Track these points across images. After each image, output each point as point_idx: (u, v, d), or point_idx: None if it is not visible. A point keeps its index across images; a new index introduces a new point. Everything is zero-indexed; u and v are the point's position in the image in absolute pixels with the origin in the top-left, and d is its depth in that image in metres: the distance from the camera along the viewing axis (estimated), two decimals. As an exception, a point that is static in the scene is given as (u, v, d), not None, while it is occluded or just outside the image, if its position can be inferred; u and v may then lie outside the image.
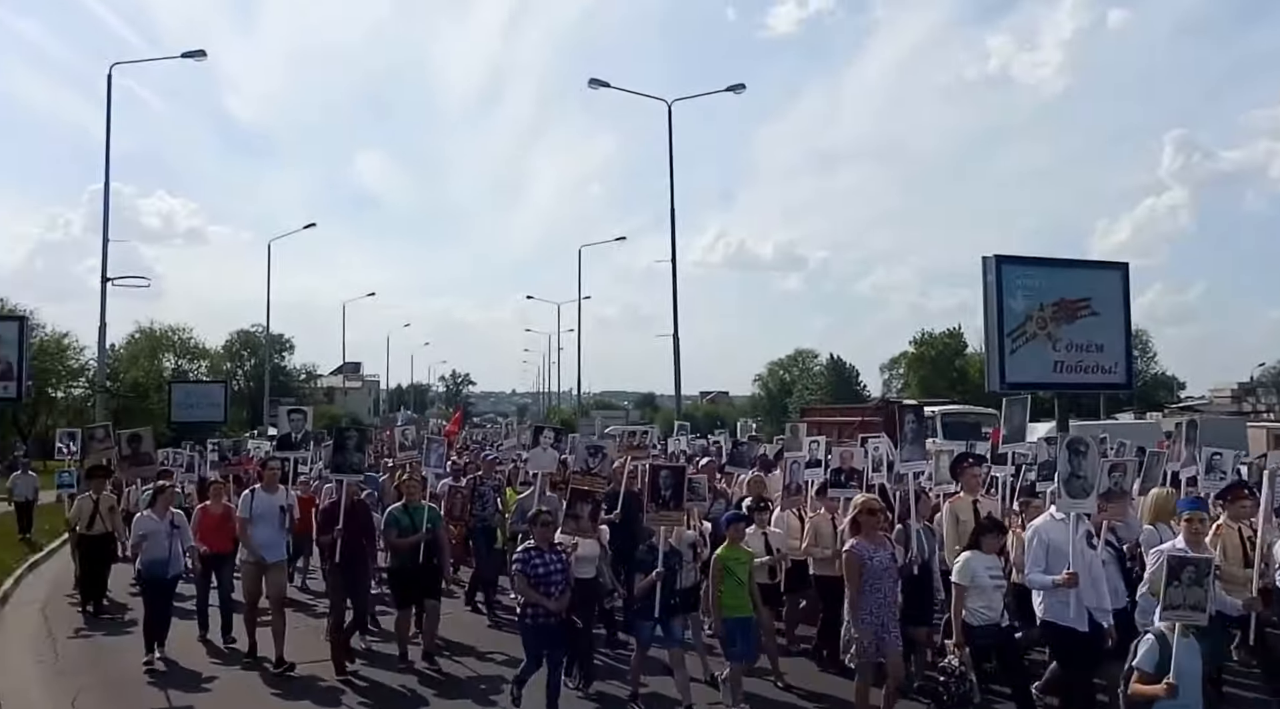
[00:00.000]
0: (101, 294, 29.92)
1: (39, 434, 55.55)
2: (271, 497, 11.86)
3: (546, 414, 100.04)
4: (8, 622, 14.13)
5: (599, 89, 35.35)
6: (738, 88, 34.84)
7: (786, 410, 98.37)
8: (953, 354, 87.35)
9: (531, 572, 8.86)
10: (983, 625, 8.44)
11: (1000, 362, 24.39)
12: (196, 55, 32.65)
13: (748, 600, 9.25)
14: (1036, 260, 26.26)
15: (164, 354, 73.08)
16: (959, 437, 28.55)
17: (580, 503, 10.36)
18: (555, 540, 9.45)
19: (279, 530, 11.84)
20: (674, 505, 9.76)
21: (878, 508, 8.95)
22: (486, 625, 13.61)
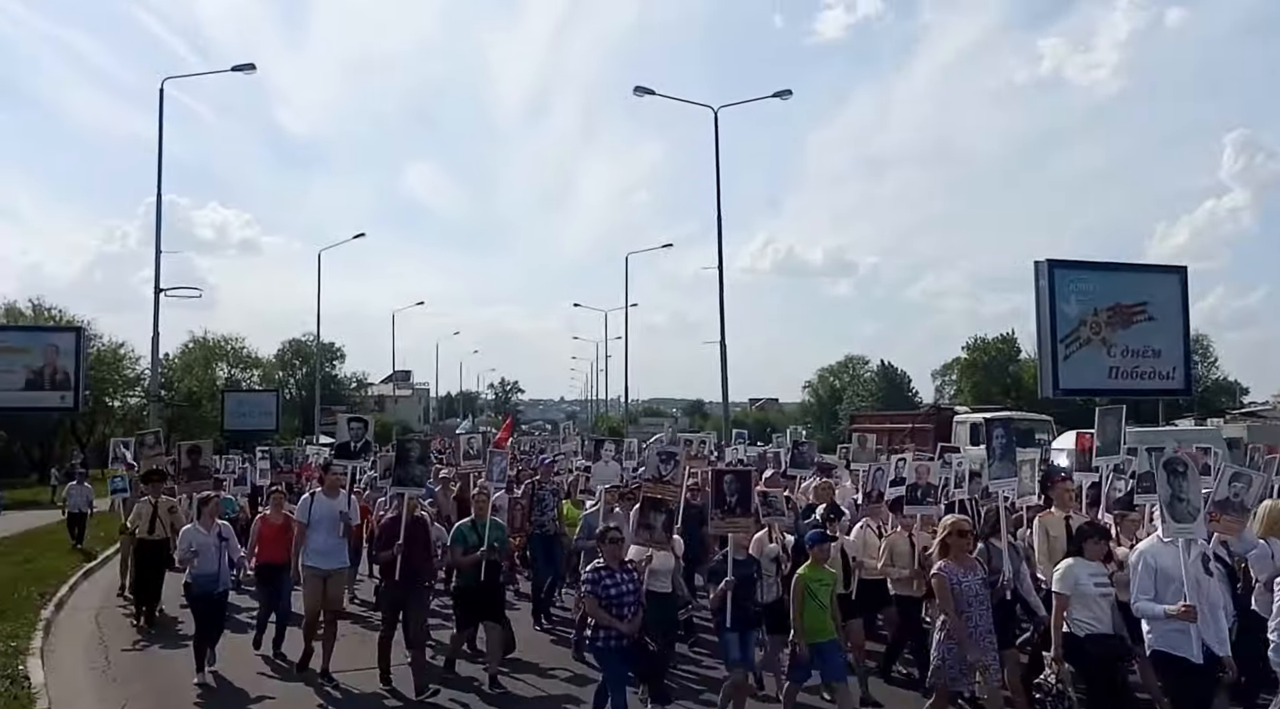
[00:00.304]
0: (154, 305, 30.34)
1: (97, 443, 56.51)
2: (331, 501, 11.40)
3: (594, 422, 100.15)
4: (62, 628, 14.17)
5: (645, 97, 35.33)
6: (784, 94, 34.66)
7: (837, 417, 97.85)
8: (1006, 360, 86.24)
9: (603, 593, 8.40)
10: (1090, 636, 7.82)
11: (1054, 367, 24.17)
12: (246, 69, 33.09)
13: (830, 623, 8.78)
14: (1090, 264, 25.96)
15: (217, 363, 73.93)
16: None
17: (653, 512, 9.78)
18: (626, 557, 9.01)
19: (338, 537, 11.41)
20: (741, 512, 9.30)
21: (968, 530, 8.42)
22: (550, 641, 12.88)
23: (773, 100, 35.65)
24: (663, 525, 9.69)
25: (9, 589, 16.19)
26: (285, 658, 11.78)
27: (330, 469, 12.17)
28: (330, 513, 11.30)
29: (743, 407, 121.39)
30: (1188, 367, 25.96)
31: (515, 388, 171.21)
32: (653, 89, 34.70)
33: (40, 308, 55.27)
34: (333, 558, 11.30)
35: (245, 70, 33.15)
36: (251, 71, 33.38)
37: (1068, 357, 24.29)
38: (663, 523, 9.70)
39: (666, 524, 9.77)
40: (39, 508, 33.31)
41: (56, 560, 19.50)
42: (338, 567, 11.44)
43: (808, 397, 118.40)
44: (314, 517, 11.27)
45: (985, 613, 8.04)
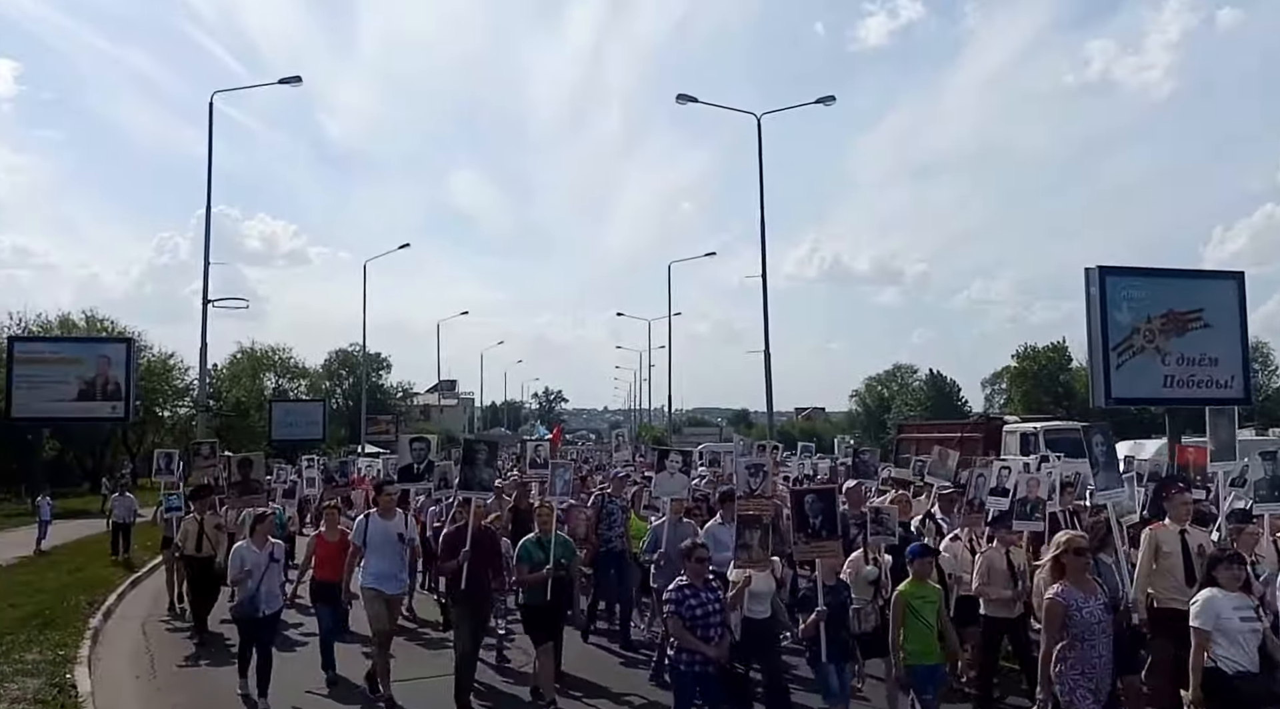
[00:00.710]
0: (203, 316, 30.68)
1: (146, 453, 57.15)
2: (388, 523, 10.83)
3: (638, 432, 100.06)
4: (109, 636, 14.30)
5: (687, 104, 35.23)
6: (827, 100, 34.45)
7: (884, 427, 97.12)
8: (1057, 369, 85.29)
9: (687, 614, 7.77)
10: (1240, 675, 6.99)
11: (1106, 376, 23.77)
12: (293, 81, 33.39)
13: (935, 645, 8.20)
14: (1143, 271, 25.54)
15: (265, 373, 74.77)
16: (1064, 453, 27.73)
17: (749, 530, 8.97)
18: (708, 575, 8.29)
19: (398, 560, 10.90)
20: (827, 534, 8.65)
21: (1085, 548, 7.53)
22: (619, 664, 12.33)
23: (816, 106, 35.48)
24: (759, 543, 8.94)
25: (59, 598, 16.45)
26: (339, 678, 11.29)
27: (384, 490, 11.51)
28: (388, 535, 10.79)
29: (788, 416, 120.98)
30: (1246, 375, 25.41)
31: (559, 397, 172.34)
32: (695, 97, 34.65)
33: (93, 319, 56.03)
34: (393, 582, 10.85)
35: (292, 83, 33.46)
36: (298, 84, 33.68)
37: (1120, 365, 23.83)
38: (759, 540, 8.95)
39: (764, 541, 9.02)
40: (89, 517, 33.72)
41: (105, 570, 19.75)
42: (398, 591, 11.08)
43: (855, 406, 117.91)
44: (371, 539, 10.75)
45: (1108, 641, 7.21)
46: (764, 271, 34.02)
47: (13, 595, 16.87)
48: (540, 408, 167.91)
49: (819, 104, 35.06)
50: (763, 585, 8.96)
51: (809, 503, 8.87)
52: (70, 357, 41.56)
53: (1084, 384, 63.97)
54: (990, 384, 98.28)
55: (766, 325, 33.30)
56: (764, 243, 34.32)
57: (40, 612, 15.02)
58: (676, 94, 34.36)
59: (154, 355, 56.44)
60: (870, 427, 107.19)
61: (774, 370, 33.60)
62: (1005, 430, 34.62)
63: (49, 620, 14.36)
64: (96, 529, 27.58)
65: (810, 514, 8.74)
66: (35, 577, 19.16)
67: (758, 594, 8.91)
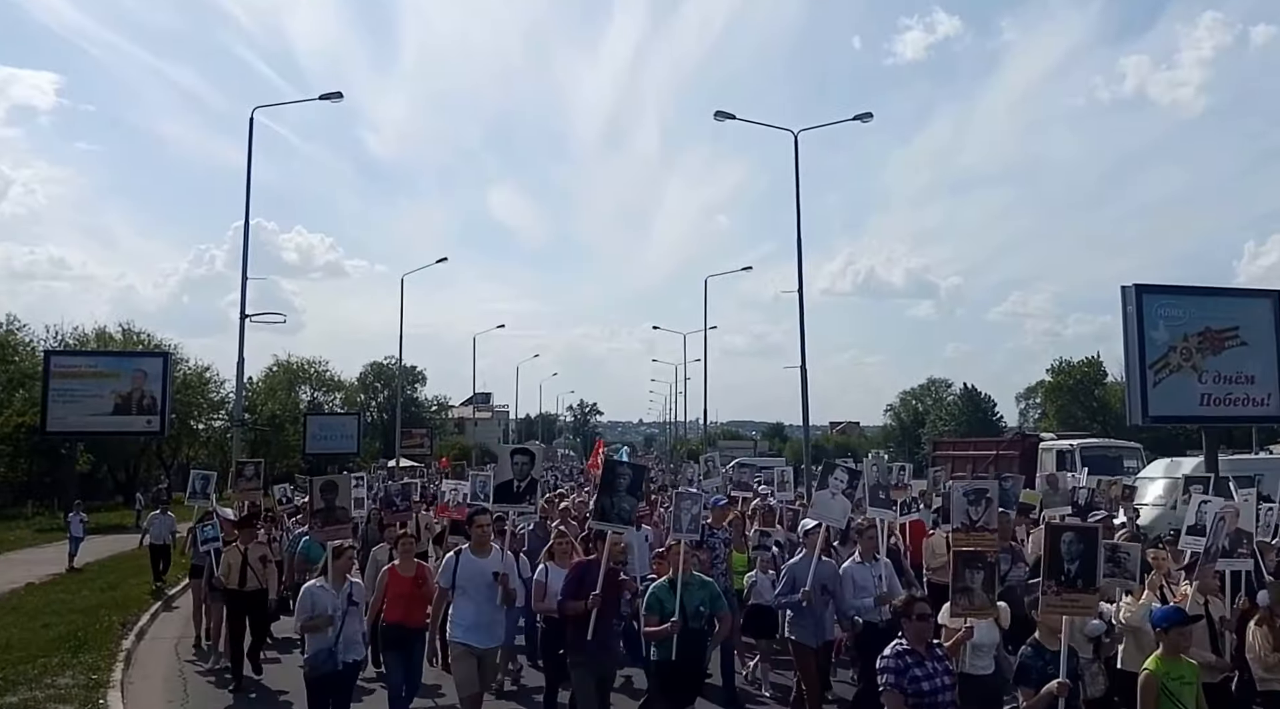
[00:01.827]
0: (240, 331, 30.67)
1: (180, 466, 57.67)
2: (482, 561, 9.04)
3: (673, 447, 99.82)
4: (142, 658, 14.32)
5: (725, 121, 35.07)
6: (865, 117, 34.20)
7: (919, 441, 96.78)
8: (1092, 384, 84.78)
9: (911, 687, 6.19)
10: None
11: (1143, 394, 23.56)
12: (334, 97, 33.32)
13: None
14: (1179, 289, 25.29)
15: (300, 386, 75.36)
16: (1100, 471, 27.49)
17: (969, 570, 7.57)
18: None
19: (494, 606, 9.09)
20: (1084, 585, 6.91)
21: None
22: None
23: (853, 121, 35.27)
24: (983, 586, 7.56)
25: (92, 618, 16.51)
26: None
27: (476, 519, 9.47)
28: (483, 576, 8.96)
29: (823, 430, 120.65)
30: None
31: (594, 409, 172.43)
32: (733, 114, 34.41)
33: (130, 332, 56.62)
34: (489, 633, 9.08)
35: (333, 98, 33.39)
36: (339, 100, 33.52)
37: (1157, 383, 23.62)
38: (982, 583, 7.56)
39: (988, 584, 7.63)
40: (124, 532, 34.02)
41: (139, 588, 19.82)
42: (494, 645, 9.35)
43: (889, 420, 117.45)
44: (462, 580, 8.96)
45: None
46: (800, 289, 33.67)
47: (46, 614, 17.02)
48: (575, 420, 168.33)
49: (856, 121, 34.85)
50: (986, 637, 7.82)
51: (1066, 543, 7.08)
52: (106, 371, 41.93)
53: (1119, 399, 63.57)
54: (1025, 398, 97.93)
55: (803, 343, 32.99)
56: (800, 261, 33.90)
57: (73, 633, 15.06)
58: (715, 111, 34.13)
59: (190, 368, 56.96)
60: (905, 441, 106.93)
61: (808, 384, 33.24)
62: (1041, 448, 34.38)
63: (81, 642, 14.39)
64: (129, 545, 27.75)
65: (1066, 558, 7.00)
66: (68, 595, 19.31)
67: (980, 647, 7.82)
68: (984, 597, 7.50)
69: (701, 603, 8.54)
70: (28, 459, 46.06)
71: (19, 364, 47.06)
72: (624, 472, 9.26)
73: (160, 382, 41.89)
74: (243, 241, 31.42)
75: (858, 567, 9.52)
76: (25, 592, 20.09)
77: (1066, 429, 65.14)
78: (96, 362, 43.38)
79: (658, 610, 8.43)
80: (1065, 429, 65.53)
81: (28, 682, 12.01)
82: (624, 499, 8.99)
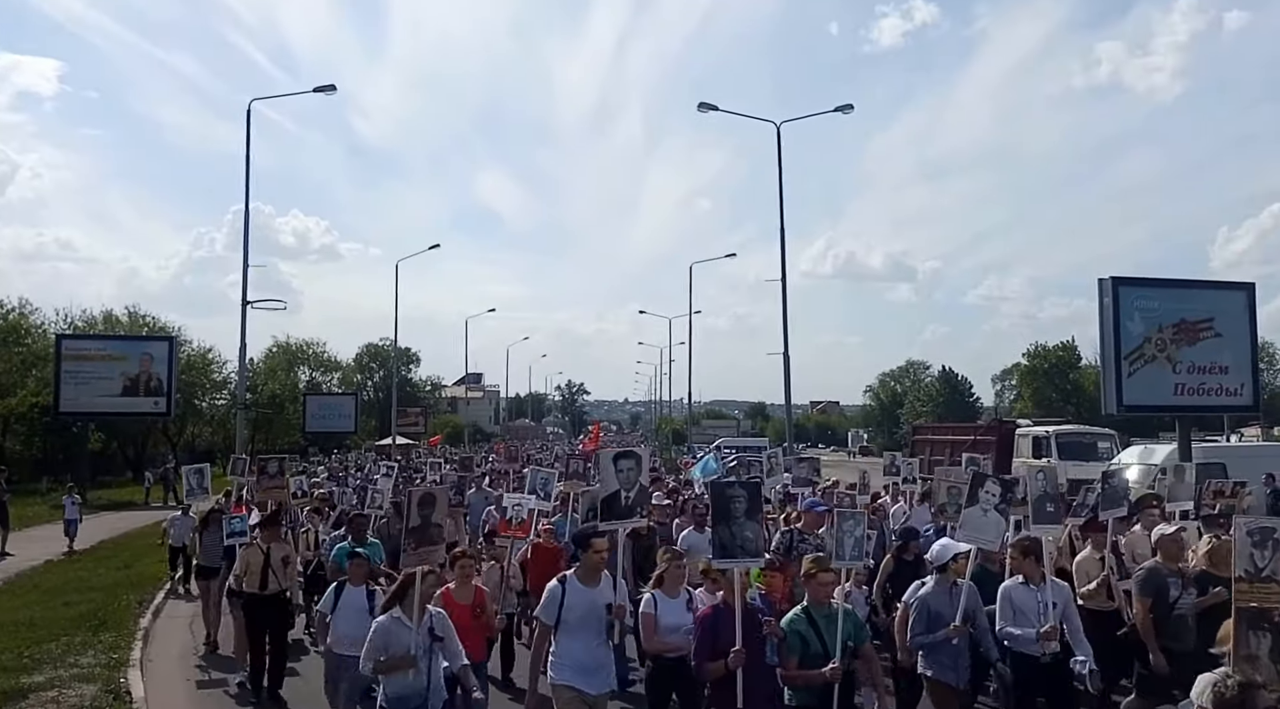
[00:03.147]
0: (241, 318, 30.59)
1: (186, 443, 57.70)
2: (592, 591, 7.25)
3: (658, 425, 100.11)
4: (159, 636, 14.37)
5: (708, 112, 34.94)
6: (846, 108, 34.13)
7: (898, 421, 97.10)
8: (1066, 367, 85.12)
9: None
10: None
11: (1117, 384, 23.70)
12: (327, 90, 33.41)
13: None
14: (1155, 281, 25.46)
15: (299, 367, 75.37)
16: (1075, 457, 27.68)
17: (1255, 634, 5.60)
18: None
19: (604, 644, 7.28)
20: None
21: None
22: None
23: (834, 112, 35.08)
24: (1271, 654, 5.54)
25: (111, 596, 16.59)
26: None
27: (593, 542, 7.47)
28: (593, 609, 7.21)
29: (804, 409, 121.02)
30: (1255, 383, 25.34)
31: (581, 389, 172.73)
32: (716, 105, 34.40)
33: (136, 315, 56.57)
34: (601, 677, 7.30)
35: (327, 91, 33.47)
36: (332, 92, 33.72)
37: (1132, 373, 23.75)
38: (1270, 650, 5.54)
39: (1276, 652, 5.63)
40: (134, 508, 34.14)
41: (154, 565, 19.81)
42: (607, 689, 7.45)
43: (869, 400, 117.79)
44: (568, 611, 7.12)
45: None
46: (783, 276, 33.76)
47: (67, 592, 17.13)
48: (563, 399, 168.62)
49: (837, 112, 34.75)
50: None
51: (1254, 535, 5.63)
52: (115, 354, 41.84)
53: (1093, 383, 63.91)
54: (1000, 381, 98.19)
55: (786, 329, 33.11)
56: (783, 248, 33.99)
57: (94, 612, 15.14)
58: (698, 103, 34.10)
59: (194, 350, 57.04)
60: (884, 422, 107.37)
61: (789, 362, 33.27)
62: (1018, 433, 34.54)
63: (102, 621, 14.47)
64: (140, 522, 27.90)
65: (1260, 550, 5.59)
66: (86, 573, 19.38)
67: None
68: (1272, 669, 5.45)
69: (849, 637, 6.93)
70: (41, 437, 46.40)
71: (31, 346, 47.05)
72: (737, 494, 7.15)
73: (166, 364, 41.84)
74: (243, 229, 31.44)
75: (1020, 589, 7.83)
76: (44, 569, 20.18)
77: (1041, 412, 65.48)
78: (106, 345, 43.26)
79: (799, 650, 6.77)
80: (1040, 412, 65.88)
81: (52, 661, 12.07)
82: (744, 527, 7.03)
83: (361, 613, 8.34)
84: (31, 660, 12.07)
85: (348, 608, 8.70)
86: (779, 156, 33.69)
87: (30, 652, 12.51)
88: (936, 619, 7.53)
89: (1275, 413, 65.87)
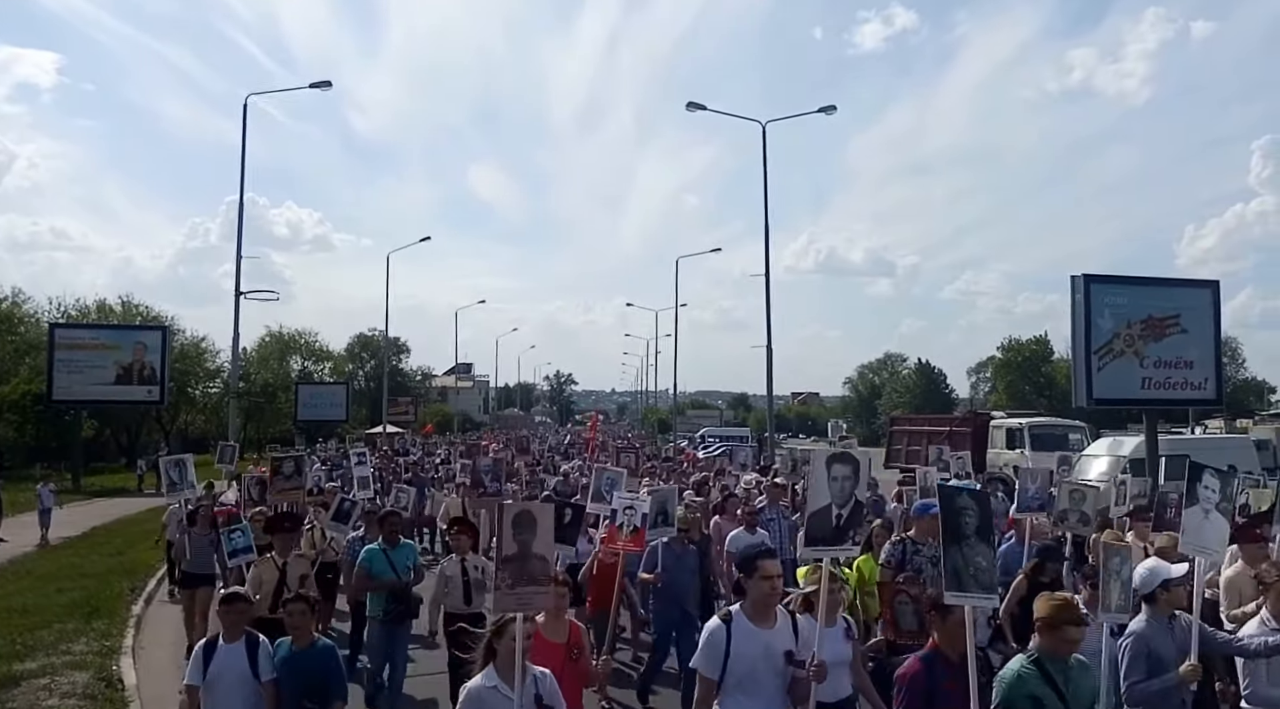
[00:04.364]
0: (235, 308, 30.52)
1: (179, 430, 57.48)
2: (766, 633, 5.28)
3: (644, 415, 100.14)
4: (151, 623, 14.24)
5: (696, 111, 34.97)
6: (829, 109, 34.26)
7: (876, 412, 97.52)
8: (1039, 360, 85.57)
9: None
10: None
11: (1088, 378, 23.81)
12: (323, 86, 33.16)
13: None
14: (1124, 279, 25.57)
15: (291, 356, 75.05)
16: (1048, 448, 27.84)
17: None
18: None
19: (783, 699, 5.33)
20: None
21: None
22: None
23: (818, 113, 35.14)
24: None
25: (103, 583, 16.44)
26: None
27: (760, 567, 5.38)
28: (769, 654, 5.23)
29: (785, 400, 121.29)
30: (1219, 378, 25.55)
31: (569, 379, 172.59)
32: (704, 105, 34.47)
33: (129, 304, 56.34)
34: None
35: (323, 87, 33.21)
36: (328, 88, 33.42)
37: (1101, 368, 23.89)
38: None
39: None
40: (127, 495, 34.00)
41: (146, 552, 19.69)
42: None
43: (848, 392, 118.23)
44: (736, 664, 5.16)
45: None
46: (767, 272, 33.88)
47: (60, 579, 17.00)
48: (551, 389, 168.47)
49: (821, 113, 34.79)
50: None
51: None
52: (108, 343, 41.70)
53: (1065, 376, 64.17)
54: (975, 373, 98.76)
55: (769, 323, 33.23)
56: (768, 246, 34.08)
57: (86, 599, 14.99)
58: (687, 102, 34.15)
59: (187, 339, 56.75)
60: (862, 412, 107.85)
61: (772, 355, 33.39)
62: (992, 425, 34.72)
63: (94, 608, 14.33)
64: (134, 508, 27.80)
65: None
66: (79, 559, 19.26)
67: None
68: None
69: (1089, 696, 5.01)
70: (35, 425, 46.00)
71: (24, 335, 46.81)
72: (966, 505, 4.99)
73: (159, 353, 41.69)
74: (238, 222, 31.35)
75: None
76: (38, 555, 20.09)
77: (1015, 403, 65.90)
78: (99, 334, 43.10)
79: None
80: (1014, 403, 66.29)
81: (44, 648, 11.98)
82: (976, 550, 4.90)
83: (244, 681, 6.15)
84: (24, 647, 11.97)
85: (224, 676, 6.13)
86: (764, 155, 33.77)
87: (22, 639, 12.39)
88: (1158, 663, 5.72)
89: (1237, 406, 66.45)
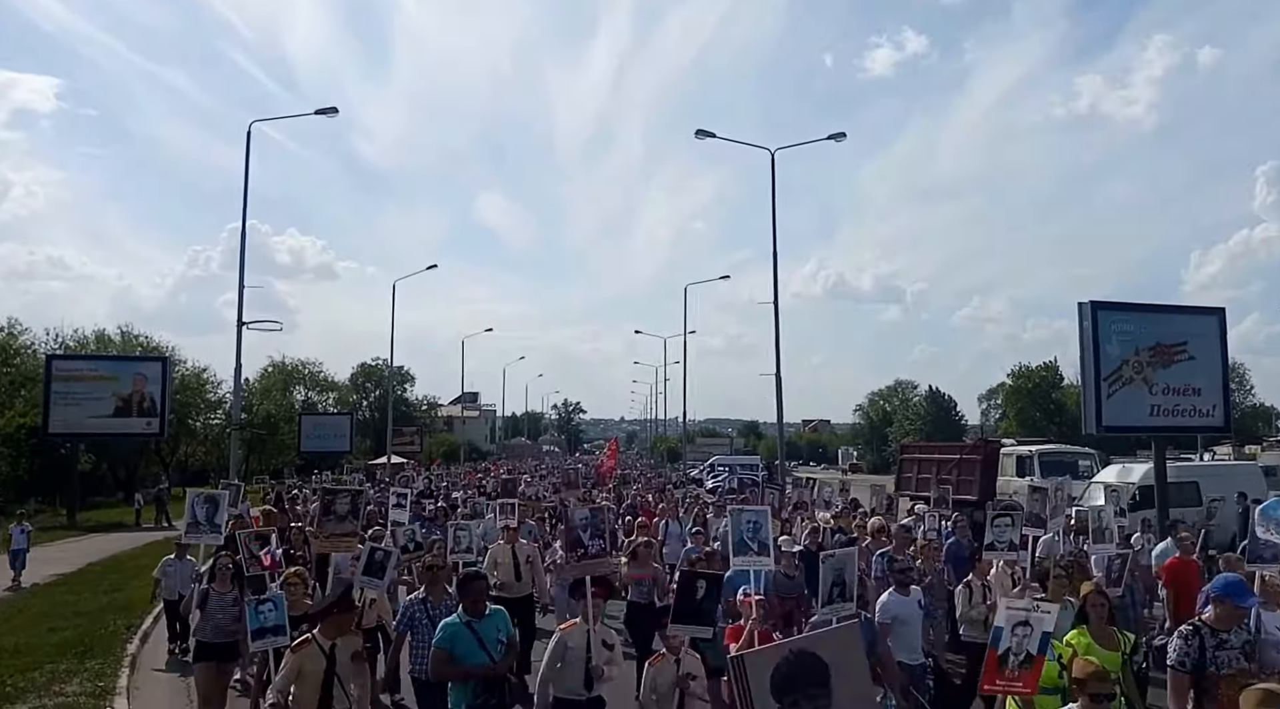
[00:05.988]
0: (237, 339, 30.59)
1: (179, 463, 57.44)
2: None
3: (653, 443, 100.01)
4: (146, 663, 14.18)
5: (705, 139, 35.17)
6: (839, 136, 34.60)
7: (886, 439, 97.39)
8: (1049, 387, 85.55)
9: None
10: None
11: (1097, 405, 23.82)
12: (329, 112, 33.07)
13: None
14: (1132, 306, 25.62)
15: (295, 387, 75.18)
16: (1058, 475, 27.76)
17: None
18: None
19: None
20: None
21: None
22: None
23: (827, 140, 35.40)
24: None
25: (97, 621, 16.40)
26: None
27: None
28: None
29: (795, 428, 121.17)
30: (1227, 404, 25.58)
31: (578, 408, 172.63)
32: (713, 132, 34.68)
33: (129, 334, 56.39)
34: None
35: (329, 114, 33.11)
36: (334, 115, 33.24)
37: (1111, 395, 23.92)
38: None
39: None
40: (124, 530, 33.93)
41: (142, 589, 19.66)
42: None
43: (858, 419, 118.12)
44: None
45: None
46: (776, 302, 33.97)
47: (52, 618, 16.96)
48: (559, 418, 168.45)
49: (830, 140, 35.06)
50: None
51: None
52: (107, 374, 41.67)
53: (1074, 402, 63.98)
54: (986, 400, 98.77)
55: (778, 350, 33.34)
56: (776, 272, 34.18)
57: (80, 638, 14.94)
58: (696, 130, 34.35)
59: (187, 370, 56.77)
60: (873, 440, 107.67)
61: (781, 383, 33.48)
62: (1002, 452, 34.65)
63: (88, 648, 14.29)
64: (130, 544, 27.75)
65: None
66: (73, 597, 19.23)
67: None
68: None
69: None
70: (29, 459, 45.51)
71: (20, 367, 46.77)
72: None
73: (159, 384, 41.68)
74: (240, 251, 31.39)
75: None
76: (31, 593, 20.05)
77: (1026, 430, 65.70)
78: (97, 365, 43.09)
79: None
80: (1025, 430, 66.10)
81: (36, 689, 11.95)
82: None
83: None
84: (15, 689, 11.94)
85: None
86: (773, 183, 33.90)
87: (14, 680, 12.36)
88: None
89: (1245, 432, 66.31)
